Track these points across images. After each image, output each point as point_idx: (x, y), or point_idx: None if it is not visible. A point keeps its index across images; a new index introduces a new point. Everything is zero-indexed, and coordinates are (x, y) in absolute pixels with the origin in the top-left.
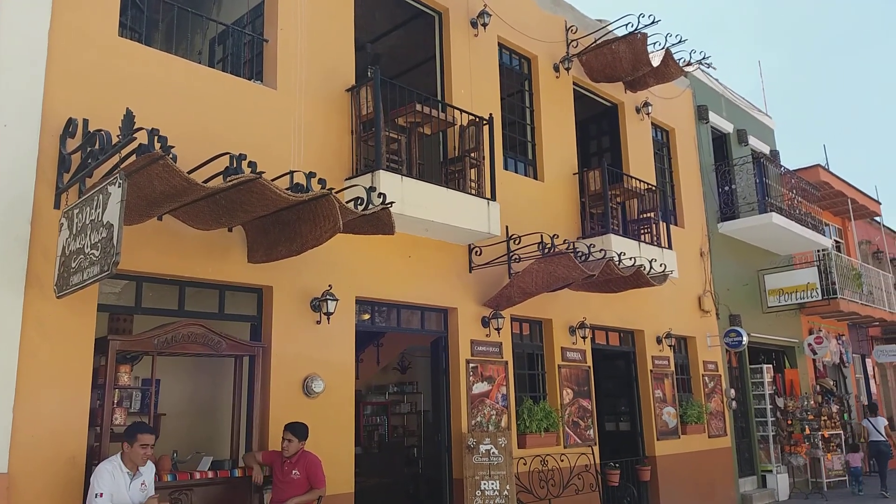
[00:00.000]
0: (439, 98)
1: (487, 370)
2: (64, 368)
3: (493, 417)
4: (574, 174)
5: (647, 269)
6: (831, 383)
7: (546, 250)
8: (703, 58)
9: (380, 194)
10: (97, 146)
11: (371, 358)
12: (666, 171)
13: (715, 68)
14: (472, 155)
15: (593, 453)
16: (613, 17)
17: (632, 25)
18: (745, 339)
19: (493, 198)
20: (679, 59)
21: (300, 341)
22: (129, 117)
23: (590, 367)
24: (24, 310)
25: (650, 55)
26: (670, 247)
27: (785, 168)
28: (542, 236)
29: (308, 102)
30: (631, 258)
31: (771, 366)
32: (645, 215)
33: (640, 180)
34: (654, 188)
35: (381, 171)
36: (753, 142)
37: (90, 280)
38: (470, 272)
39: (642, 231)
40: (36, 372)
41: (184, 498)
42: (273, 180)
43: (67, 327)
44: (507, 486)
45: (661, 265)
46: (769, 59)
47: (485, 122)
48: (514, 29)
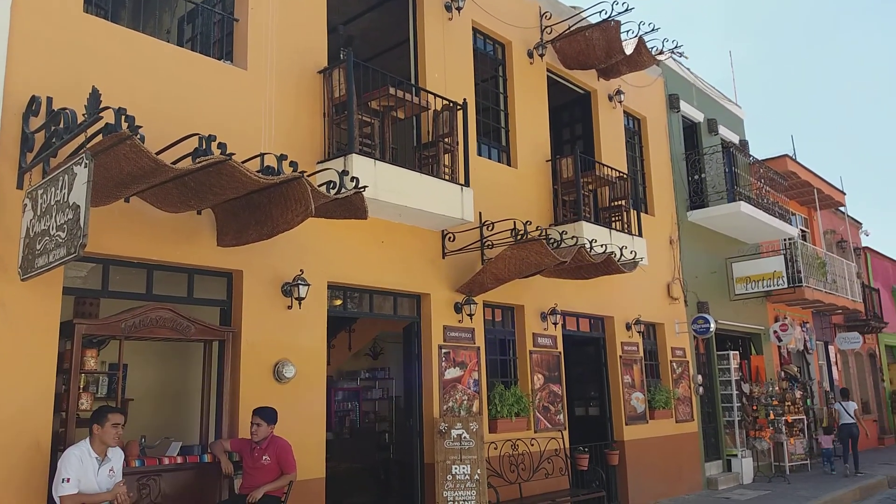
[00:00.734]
0: (413, 82)
1: (460, 356)
2: (28, 352)
3: (465, 402)
4: (547, 161)
5: (618, 256)
6: (795, 370)
7: (519, 237)
8: (675, 47)
9: (352, 178)
10: (62, 125)
11: (343, 343)
12: (637, 159)
13: (687, 57)
14: (446, 140)
15: (563, 438)
16: (587, 3)
17: (605, 13)
18: (713, 325)
19: (467, 184)
20: (651, 48)
21: (271, 326)
22: (95, 96)
23: (560, 353)
24: None
25: (623, 43)
26: (640, 234)
27: (754, 157)
28: (514, 223)
29: (279, 84)
30: (602, 245)
31: (737, 352)
32: (616, 203)
33: (612, 168)
34: (625, 176)
35: (354, 154)
36: (723, 131)
37: (56, 262)
38: (443, 258)
39: (613, 219)
40: None
41: (152, 484)
42: (243, 162)
43: (32, 311)
44: (478, 471)
45: (631, 252)
46: (739, 49)
47: (459, 107)
48: (488, 13)
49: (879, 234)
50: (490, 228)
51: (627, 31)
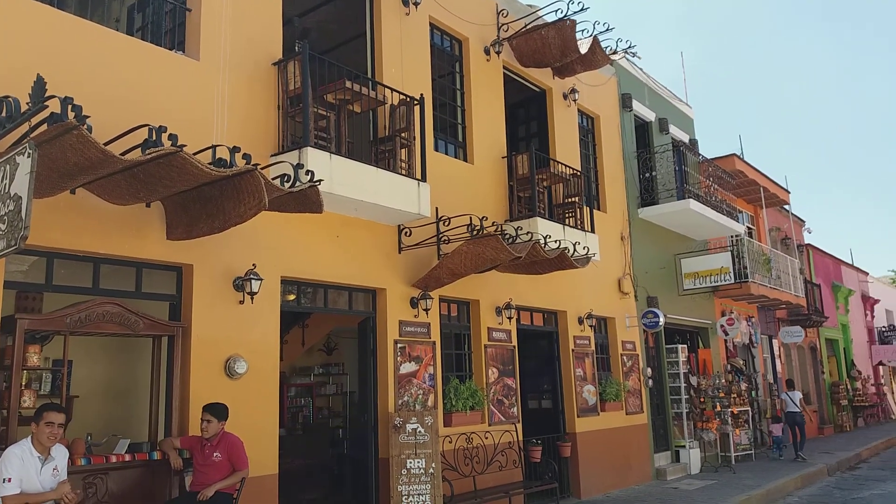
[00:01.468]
0: (370, 76)
1: (415, 350)
2: None
3: (420, 397)
4: (503, 158)
5: (571, 251)
6: (741, 362)
7: (475, 232)
8: (629, 47)
9: (307, 171)
10: (4, 113)
11: (296, 339)
12: (590, 157)
13: (639, 57)
14: (403, 135)
15: (517, 431)
16: (543, 2)
17: (561, 12)
18: (662, 320)
19: (424, 179)
20: (605, 48)
21: (222, 321)
22: (39, 84)
23: (515, 347)
24: None
25: (578, 42)
26: (593, 231)
27: (703, 156)
28: (471, 218)
29: (232, 75)
30: (556, 241)
31: (685, 346)
32: (570, 200)
33: (566, 165)
34: (578, 173)
35: (309, 147)
36: (674, 130)
37: None
38: (399, 253)
39: (567, 215)
40: None
41: (99, 482)
42: (195, 154)
43: None
44: (433, 464)
45: (584, 248)
46: (690, 51)
47: (416, 102)
48: (445, 10)
49: (821, 231)
50: (446, 224)
51: (582, 31)
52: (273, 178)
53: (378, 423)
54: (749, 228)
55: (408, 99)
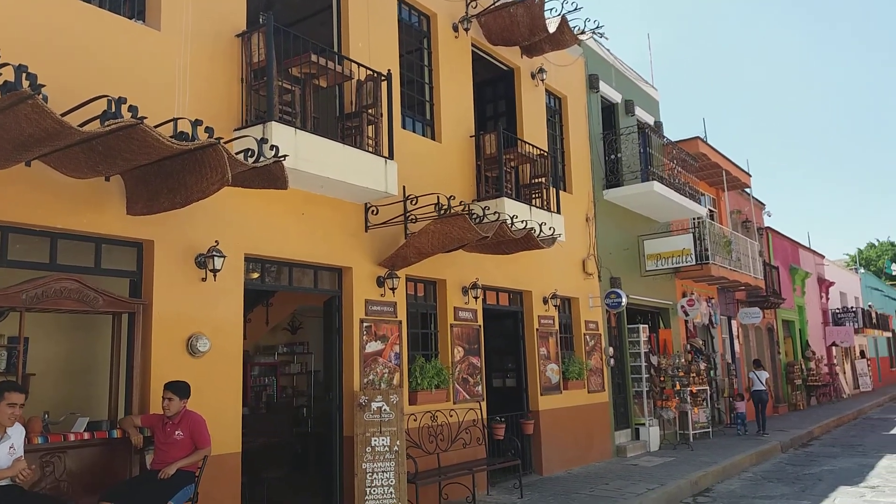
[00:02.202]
0: (336, 50)
1: (381, 329)
2: None
3: (386, 376)
4: (471, 137)
5: (538, 232)
6: (700, 343)
7: (442, 211)
8: (597, 27)
9: (272, 146)
10: None
11: (260, 318)
12: (557, 137)
13: (607, 38)
14: (370, 111)
15: (481, 409)
16: None
17: None
18: (625, 300)
19: (391, 156)
20: (574, 28)
21: (184, 299)
22: None
23: (481, 326)
24: None
25: (546, 21)
26: (559, 211)
27: (667, 139)
28: (438, 197)
29: (194, 46)
30: (523, 221)
31: (647, 326)
32: (536, 180)
33: (533, 146)
34: (545, 154)
35: (274, 122)
36: (639, 112)
37: None
38: (366, 231)
39: (534, 195)
40: None
41: (56, 461)
42: (156, 127)
43: None
44: (398, 442)
45: (550, 229)
46: (657, 33)
47: (383, 77)
48: None
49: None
50: (414, 202)
51: (551, 10)
52: (236, 153)
53: (343, 402)
54: (711, 211)
55: (375, 74)
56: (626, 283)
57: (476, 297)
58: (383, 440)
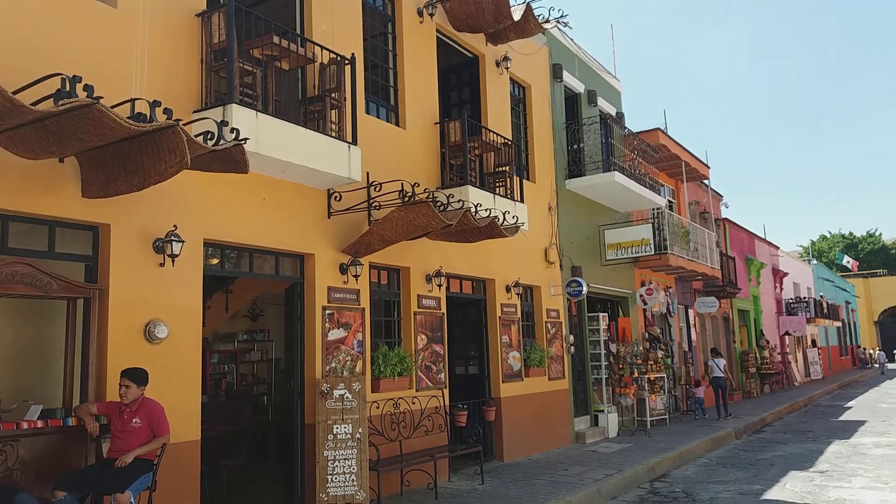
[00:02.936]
0: (299, 32)
1: (344, 317)
2: None
3: (349, 363)
4: (435, 124)
5: (501, 220)
6: (658, 331)
7: (407, 198)
8: (561, 16)
9: (232, 129)
10: None
11: (220, 304)
12: (521, 126)
13: (571, 28)
14: (333, 95)
15: (443, 396)
16: None
17: None
18: (585, 289)
19: (355, 142)
20: (538, 16)
21: (141, 284)
22: None
23: (444, 314)
24: None
25: (511, 8)
26: (522, 200)
27: (628, 130)
28: (402, 184)
29: (153, 25)
30: (486, 210)
31: (606, 314)
32: (500, 169)
33: (498, 134)
34: (510, 143)
35: (234, 104)
36: (602, 103)
37: None
38: (329, 218)
39: (497, 184)
40: None
41: (9, 450)
42: (112, 108)
43: None
44: (360, 429)
45: (513, 217)
46: (621, 24)
47: (347, 61)
48: None
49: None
50: (378, 189)
51: None
52: (196, 136)
53: (305, 390)
54: (670, 202)
55: (338, 58)
56: (587, 272)
57: (440, 285)
58: (345, 427)
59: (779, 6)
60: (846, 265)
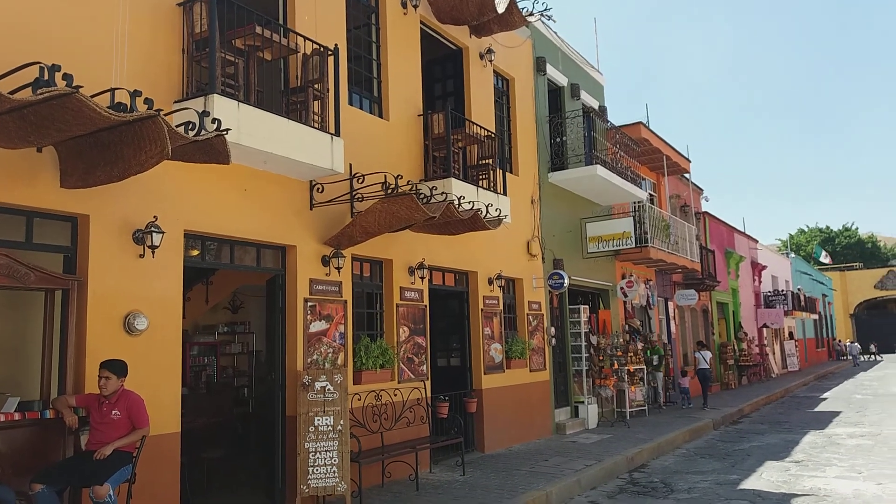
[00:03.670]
0: (281, 22)
1: (326, 309)
2: None
3: (330, 355)
4: (419, 116)
5: (484, 213)
6: (638, 323)
7: (389, 190)
8: (545, 9)
9: (214, 120)
10: None
11: (200, 296)
12: (505, 119)
13: (554, 21)
14: (316, 86)
15: (425, 388)
16: None
17: None
18: (567, 281)
19: (338, 133)
20: (522, 9)
21: (121, 276)
22: None
23: (426, 306)
24: None
25: (496, 1)
26: (505, 193)
27: (611, 123)
28: (385, 176)
29: (134, 14)
30: (470, 202)
31: (587, 306)
32: (484, 161)
33: (481, 127)
34: (493, 135)
35: (216, 94)
36: (585, 97)
37: None
38: (311, 209)
39: (480, 176)
40: None
41: None
42: (92, 97)
43: None
44: (342, 421)
45: (496, 210)
46: (603, 19)
47: (330, 52)
48: None
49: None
50: (360, 181)
51: None
52: (177, 126)
53: (286, 382)
54: (651, 195)
55: (322, 49)
56: (569, 265)
57: (422, 278)
58: (327, 419)
59: (760, 3)
60: (823, 261)
